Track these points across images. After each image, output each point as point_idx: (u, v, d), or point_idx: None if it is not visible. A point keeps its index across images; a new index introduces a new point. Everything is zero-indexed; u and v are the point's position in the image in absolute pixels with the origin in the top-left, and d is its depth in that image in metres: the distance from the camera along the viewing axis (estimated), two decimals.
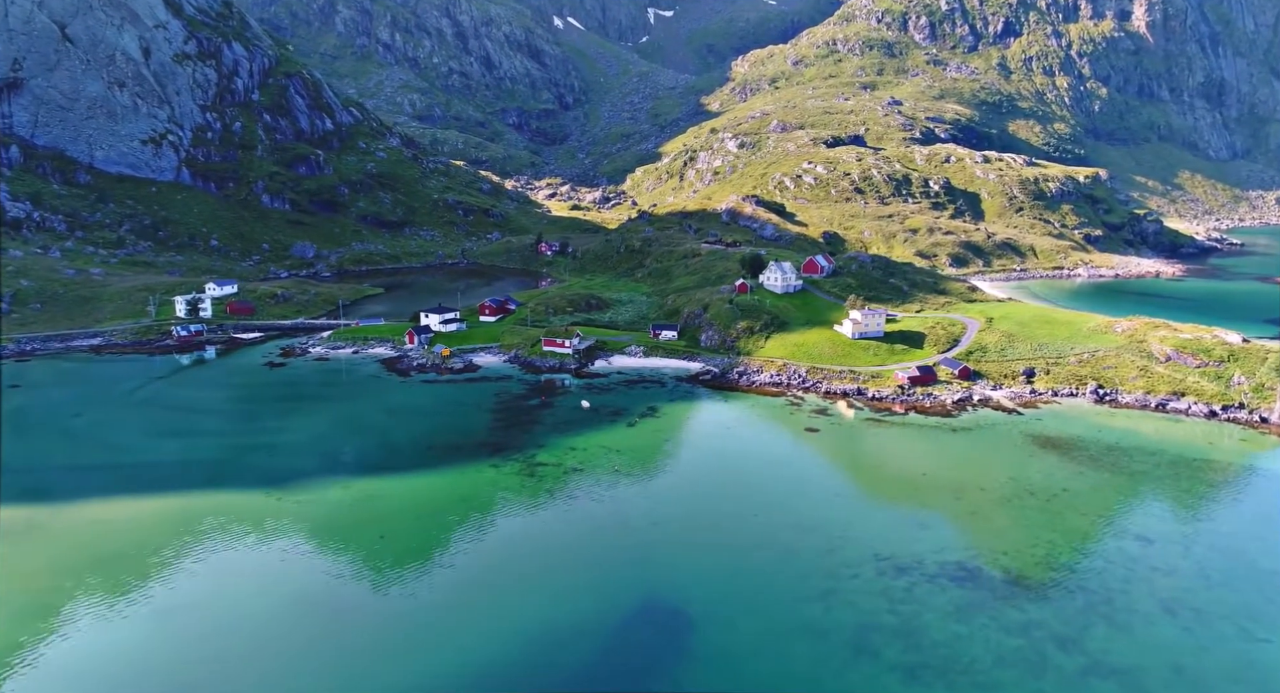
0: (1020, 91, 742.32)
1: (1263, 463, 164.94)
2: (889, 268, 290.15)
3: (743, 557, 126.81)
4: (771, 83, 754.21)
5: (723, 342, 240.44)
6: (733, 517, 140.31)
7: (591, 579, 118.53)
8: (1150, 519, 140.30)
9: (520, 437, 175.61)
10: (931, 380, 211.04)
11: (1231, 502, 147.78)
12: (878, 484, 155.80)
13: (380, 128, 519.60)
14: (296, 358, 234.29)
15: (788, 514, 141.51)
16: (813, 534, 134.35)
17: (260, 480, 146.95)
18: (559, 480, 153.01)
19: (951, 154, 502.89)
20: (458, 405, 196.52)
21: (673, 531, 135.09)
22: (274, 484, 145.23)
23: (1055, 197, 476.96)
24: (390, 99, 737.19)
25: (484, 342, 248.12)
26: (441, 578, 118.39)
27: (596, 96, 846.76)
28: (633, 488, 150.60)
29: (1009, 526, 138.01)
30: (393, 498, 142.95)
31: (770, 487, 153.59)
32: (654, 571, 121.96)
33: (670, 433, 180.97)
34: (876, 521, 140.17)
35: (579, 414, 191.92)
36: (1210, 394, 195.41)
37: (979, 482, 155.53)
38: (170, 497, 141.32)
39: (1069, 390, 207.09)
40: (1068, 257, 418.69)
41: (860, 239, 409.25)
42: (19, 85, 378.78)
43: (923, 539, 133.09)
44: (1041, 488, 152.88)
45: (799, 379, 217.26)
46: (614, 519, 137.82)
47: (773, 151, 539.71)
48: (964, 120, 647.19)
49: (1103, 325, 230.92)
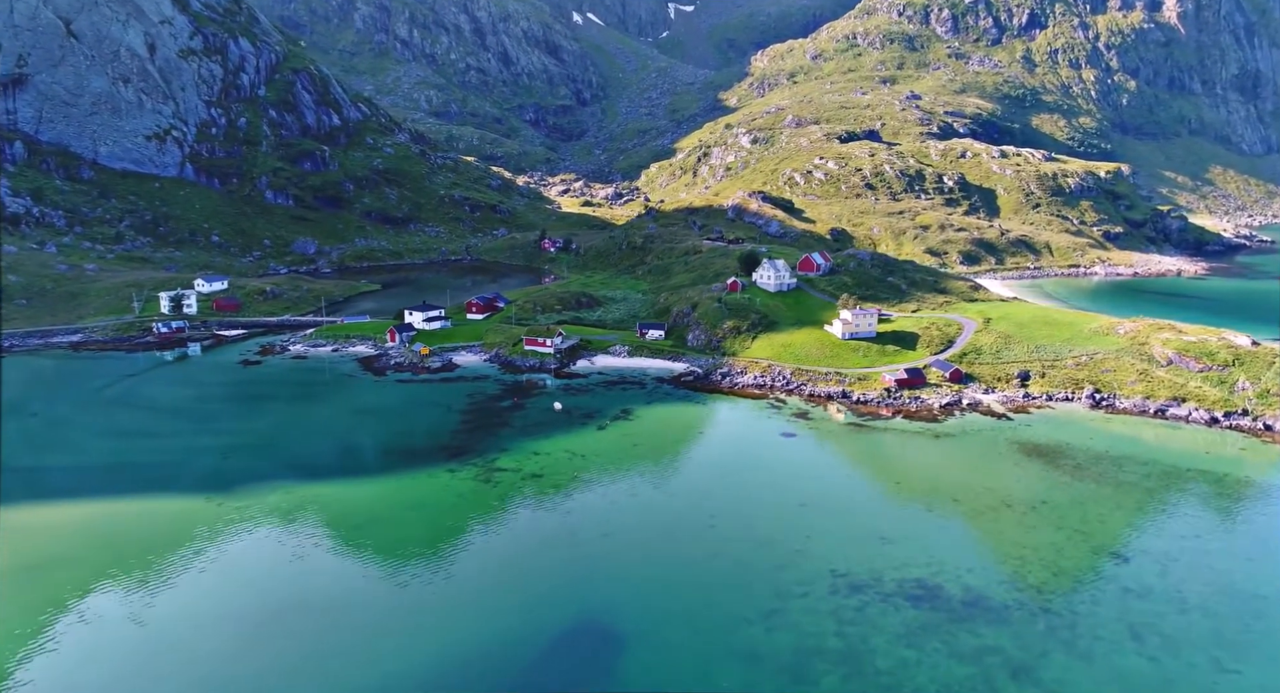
0: (1045, 85, 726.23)
1: (1260, 475, 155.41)
2: (889, 266, 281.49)
3: (690, 571, 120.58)
4: (790, 77, 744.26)
5: (709, 342, 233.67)
6: (688, 527, 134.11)
7: (524, 598, 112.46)
8: (1130, 535, 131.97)
9: (484, 440, 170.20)
10: (920, 383, 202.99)
11: (1221, 517, 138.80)
12: (845, 494, 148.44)
13: (389, 124, 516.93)
14: (274, 356, 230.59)
15: (746, 525, 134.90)
16: (768, 547, 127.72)
17: (201, 484, 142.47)
18: (514, 487, 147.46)
19: (967, 149, 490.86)
20: (427, 406, 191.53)
21: (621, 542, 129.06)
22: (215, 489, 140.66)
23: (1074, 192, 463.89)
24: (407, 95, 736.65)
25: (467, 340, 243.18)
26: (359, 594, 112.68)
27: (614, 92, 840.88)
28: (589, 496, 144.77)
29: (978, 540, 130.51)
30: (336, 504, 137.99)
31: (732, 495, 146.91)
32: (594, 586, 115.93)
33: (640, 437, 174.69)
34: (838, 533, 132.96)
35: (550, 416, 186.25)
36: (1212, 400, 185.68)
37: (954, 492, 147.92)
38: (98, 502, 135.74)
39: (1064, 395, 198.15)
40: (1084, 254, 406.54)
41: (869, 236, 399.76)
42: (23, 81, 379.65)
43: (884, 554, 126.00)
44: (1020, 499, 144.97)
45: (783, 381, 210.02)
46: (562, 530, 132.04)
47: (785, 147, 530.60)
48: (985, 115, 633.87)
49: (1105, 327, 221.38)
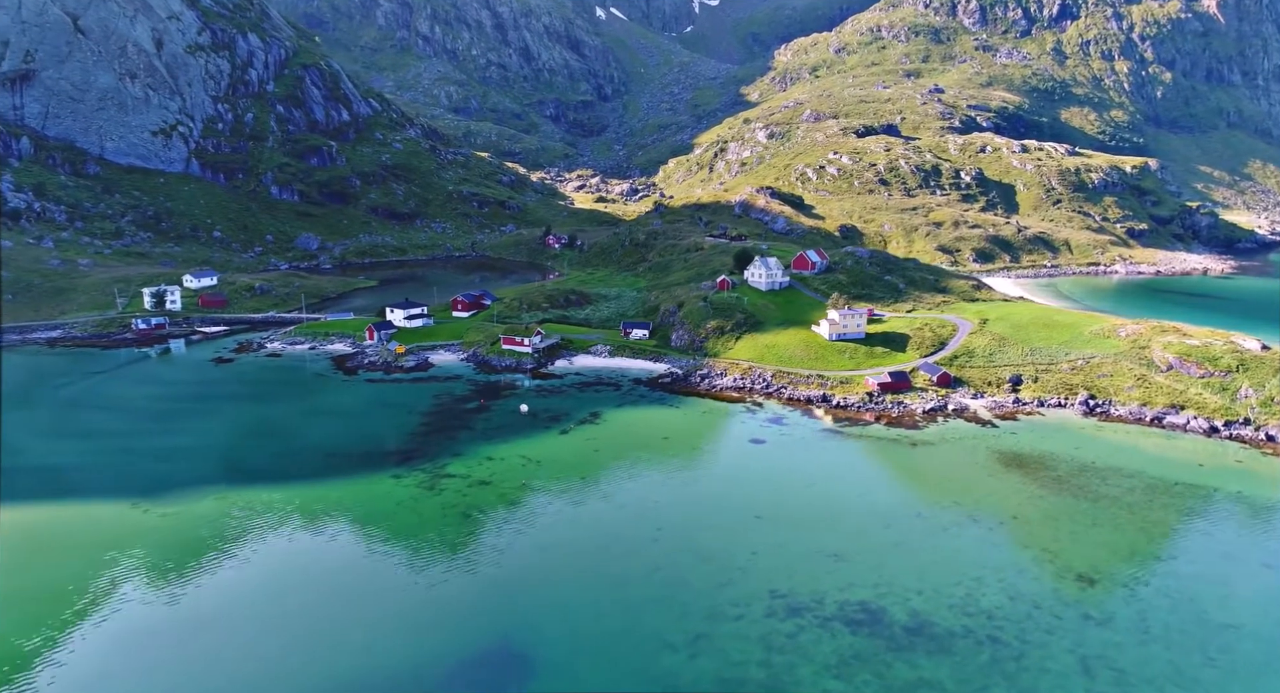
0: (1076, 77, 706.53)
1: (1254, 491, 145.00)
2: (888, 264, 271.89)
3: (622, 590, 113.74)
4: (812, 72, 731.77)
5: (692, 342, 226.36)
6: (630, 541, 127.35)
7: (433, 619, 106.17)
8: (1099, 555, 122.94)
9: (439, 444, 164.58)
10: (904, 387, 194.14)
11: (1201, 537, 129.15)
12: (803, 506, 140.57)
13: (401, 119, 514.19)
14: (249, 354, 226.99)
15: (692, 539, 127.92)
16: (711, 564, 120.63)
17: (132, 489, 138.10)
18: (458, 495, 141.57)
19: (987, 144, 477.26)
20: (389, 408, 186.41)
21: (555, 557, 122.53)
22: (145, 494, 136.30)
23: (1098, 188, 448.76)
24: (427, 91, 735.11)
25: (447, 338, 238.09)
26: (262, 610, 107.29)
27: (636, 87, 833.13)
28: (532, 506, 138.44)
29: (934, 559, 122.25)
30: (265, 512, 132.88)
31: (685, 506, 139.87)
32: (514, 607, 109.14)
33: (602, 443, 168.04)
34: (789, 548, 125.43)
35: (514, 419, 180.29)
36: (1213, 408, 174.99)
37: (919, 505, 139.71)
38: (19, 508, 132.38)
39: (1056, 400, 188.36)
40: (1105, 252, 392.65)
41: (880, 233, 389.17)
42: (31, 77, 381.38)
43: (832, 573, 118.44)
44: (988, 514, 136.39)
45: (762, 384, 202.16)
46: (495, 544, 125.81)
47: (801, 142, 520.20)
48: (1011, 108, 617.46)
49: (1107, 329, 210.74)
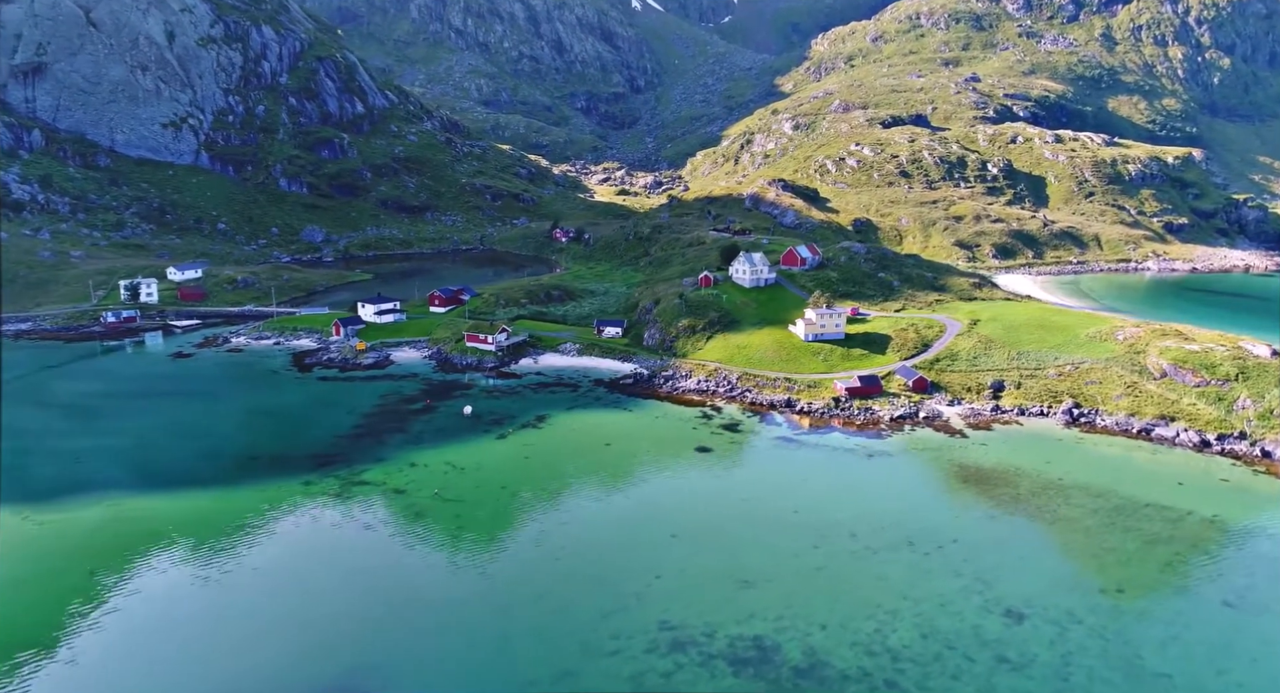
0: (1125, 64, 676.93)
1: (1231, 513, 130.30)
2: (883, 260, 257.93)
3: (498, 619, 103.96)
4: (848, 61, 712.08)
5: (663, 341, 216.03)
6: (525, 562, 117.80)
7: (280, 651, 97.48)
8: (1038, 586, 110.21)
9: (367, 447, 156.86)
10: (875, 392, 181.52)
11: (1158, 567, 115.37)
12: (727, 524, 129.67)
13: (419, 111, 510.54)
14: (212, 348, 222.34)
15: (594, 560, 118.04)
16: (605, 589, 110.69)
17: (23, 494, 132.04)
18: (364, 505, 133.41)
19: (1019, 134, 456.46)
20: (330, 407, 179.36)
21: (436, 580, 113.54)
22: (32, 499, 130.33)
23: (1134, 180, 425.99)
24: (458, 84, 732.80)
25: (416, 335, 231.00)
26: (112, 632, 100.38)
27: (670, 79, 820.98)
28: (434, 520, 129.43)
29: (853, 587, 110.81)
30: (154, 521, 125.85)
31: (599, 522, 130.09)
32: (374, 638, 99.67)
33: (537, 450, 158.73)
34: (696, 572, 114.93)
35: (454, 422, 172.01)
36: (1206, 420, 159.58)
37: (856, 525, 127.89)
38: None
39: (1038, 409, 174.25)
40: (1138, 248, 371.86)
41: (896, 227, 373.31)
42: (43, 70, 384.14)
43: (734, 601, 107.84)
44: (928, 536, 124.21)
45: (727, 387, 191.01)
46: (376, 563, 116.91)
47: (825, 133, 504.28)
48: (1053, 97, 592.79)
49: (1106, 331, 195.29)
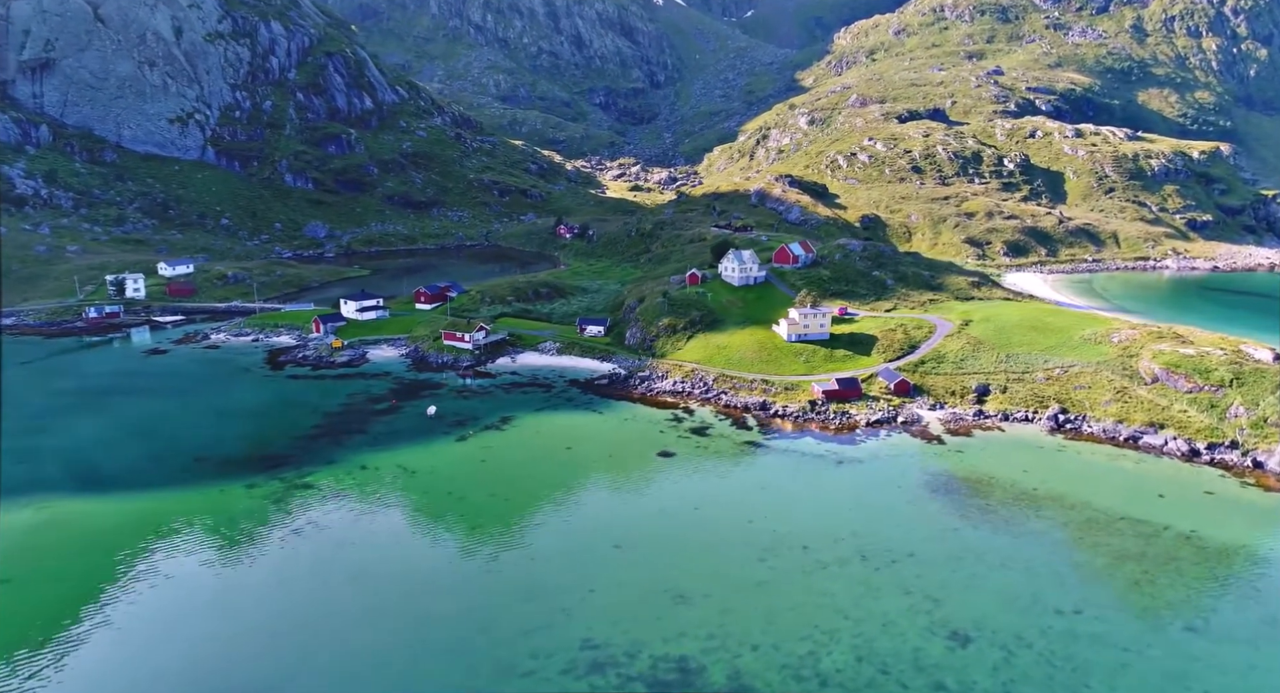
0: (1157, 56, 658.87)
1: (1210, 529, 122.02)
2: (879, 258, 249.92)
3: (420, 633, 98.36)
4: (869, 55, 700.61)
5: (643, 340, 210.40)
6: (453, 573, 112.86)
7: (162, 669, 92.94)
8: (990, 606, 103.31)
9: (320, 449, 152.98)
10: (854, 395, 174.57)
11: (1122, 588, 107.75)
12: (674, 535, 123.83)
13: (429, 106, 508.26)
14: (189, 345, 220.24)
15: (527, 572, 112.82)
16: (534, 604, 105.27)
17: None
18: (300, 512, 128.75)
19: (1038, 128, 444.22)
20: (293, 407, 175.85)
21: (355, 587, 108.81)
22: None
23: (1157, 175, 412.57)
24: (476, 80, 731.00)
25: (396, 333, 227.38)
26: (33, 638, 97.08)
27: (690, 74, 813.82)
28: (371, 526, 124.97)
29: (794, 604, 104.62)
30: (78, 526, 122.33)
31: (539, 532, 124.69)
32: (268, 655, 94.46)
33: (495, 453, 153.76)
34: (631, 586, 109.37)
35: (417, 423, 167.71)
36: (1197, 428, 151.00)
37: (809, 537, 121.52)
38: None
39: (1023, 414, 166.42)
40: (1157, 245, 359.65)
41: (905, 224, 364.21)
42: (51, 66, 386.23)
43: (667, 618, 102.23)
44: (883, 550, 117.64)
45: (702, 388, 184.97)
46: (294, 572, 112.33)
47: (839, 128, 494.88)
48: (1079, 90, 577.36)
49: (1101, 333, 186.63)
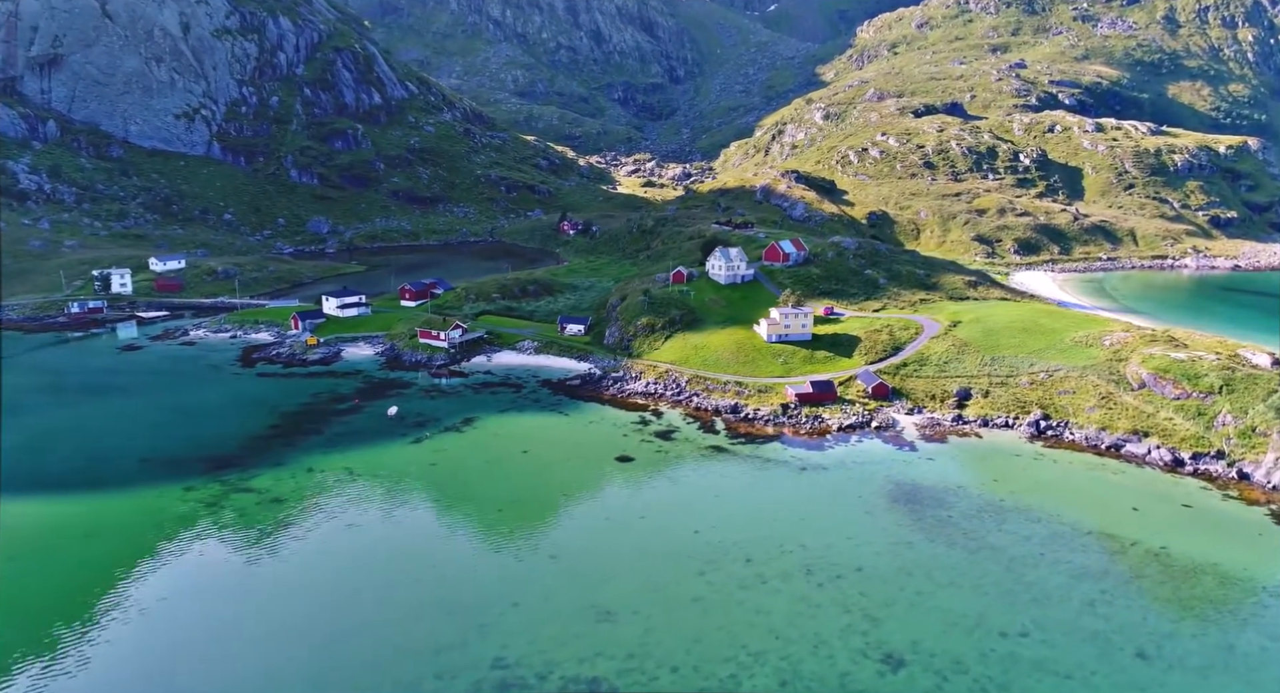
0: (1189, 48, 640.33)
1: (1182, 546, 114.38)
2: (874, 256, 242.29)
3: (317, 653, 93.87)
4: (891, 49, 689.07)
5: (621, 340, 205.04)
6: (376, 585, 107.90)
7: (50, 679, 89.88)
8: (932, 626, 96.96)
9: (271, 450, 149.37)
10: (828, 399, 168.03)
11: (1077, 608, 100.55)
12: (616, 545, 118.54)
13: (440, 102, 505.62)
14: (167, 341, 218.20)
15: (448, 586, 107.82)
16: (452, 618, 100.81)
17: None
18: (233, 515, 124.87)
19: (1057, 123, 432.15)
20: (254, 406, 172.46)
21: (271, 600, 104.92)
22: None
23: (1180, 171, 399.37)
24: (494, 76, 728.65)
25: (375, 330, 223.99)
26: None
27: (710, 69, 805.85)
28: (296, 534, 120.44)
29: (725, 622, 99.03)
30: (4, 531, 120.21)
31: (473, 540, 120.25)
32: (158, 676, 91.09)
33: (447, 456, 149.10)
34: (558, 601, 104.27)
35: (376, 424, 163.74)
36: (1182, 436, 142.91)
37: (755, 548, 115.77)
38: None
39: (1003, 420, 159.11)
40: (1176, 243, 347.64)
41: (914, 221, 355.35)
42: (59, 61, 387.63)
43: (586, 637, 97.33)
44: (830, 564, 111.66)
45: (675, 390, 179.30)
46: (205, 582, 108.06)
47: (854, 123, 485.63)
48: (1105, 84, 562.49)
49: (1093, 336, 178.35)
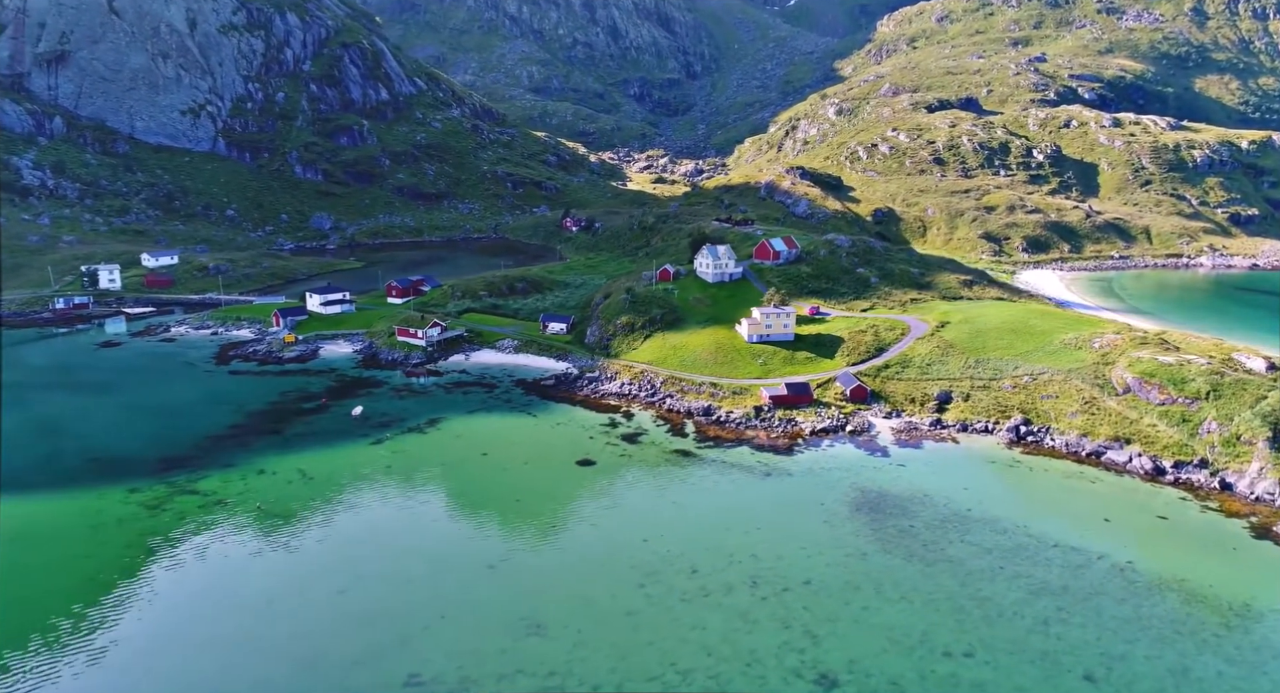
0: (1218, 40, 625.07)
1: (1150, 561, 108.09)
2: (868, 254, 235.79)
3: (224, 668, 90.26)
4: (910, 43, 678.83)
5: (600, 339, 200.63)
6: (301, 595, 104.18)
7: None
8: (874, 643, 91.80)
9: (226, 450, 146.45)
10: (803, 401, 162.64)
11: (1027, 628, 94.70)
12: (559, 554, 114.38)
13: (449, 98, 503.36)
14: (147, 337, 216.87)
15: (380, 595, 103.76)
16: (373, 630, 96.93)
17: None
18: (173, 519, 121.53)
19: (1073, 118, 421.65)
20: (218, 404, 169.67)
21: (189, 611, 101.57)
22: None
23: (1200, 167, 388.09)
24: (509, 72, 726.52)
25: (357, 327, 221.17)
26: None
27: (728, 64, 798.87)
28: (234, 539, 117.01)
29: (659, 638, 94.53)
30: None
31: (412, 547, 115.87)
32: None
33: (405, 459, 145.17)
34: (489, 613, 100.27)
35: (338, 424, 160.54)
36: (1165, 443, 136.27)
37: (703, 559, 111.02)
38: None
39: (983, 424, 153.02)
40: (1192, 242, 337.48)
41: (921, 218, 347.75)
42: (65, 58, 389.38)
43: (511, 652, 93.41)
44: (778, 576, 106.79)
45: (649, 391, 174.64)
46: (127, 593, 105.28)
47: (866, 118, 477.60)
48: (1129, 78, 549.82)
49: (1083, 338, 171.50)
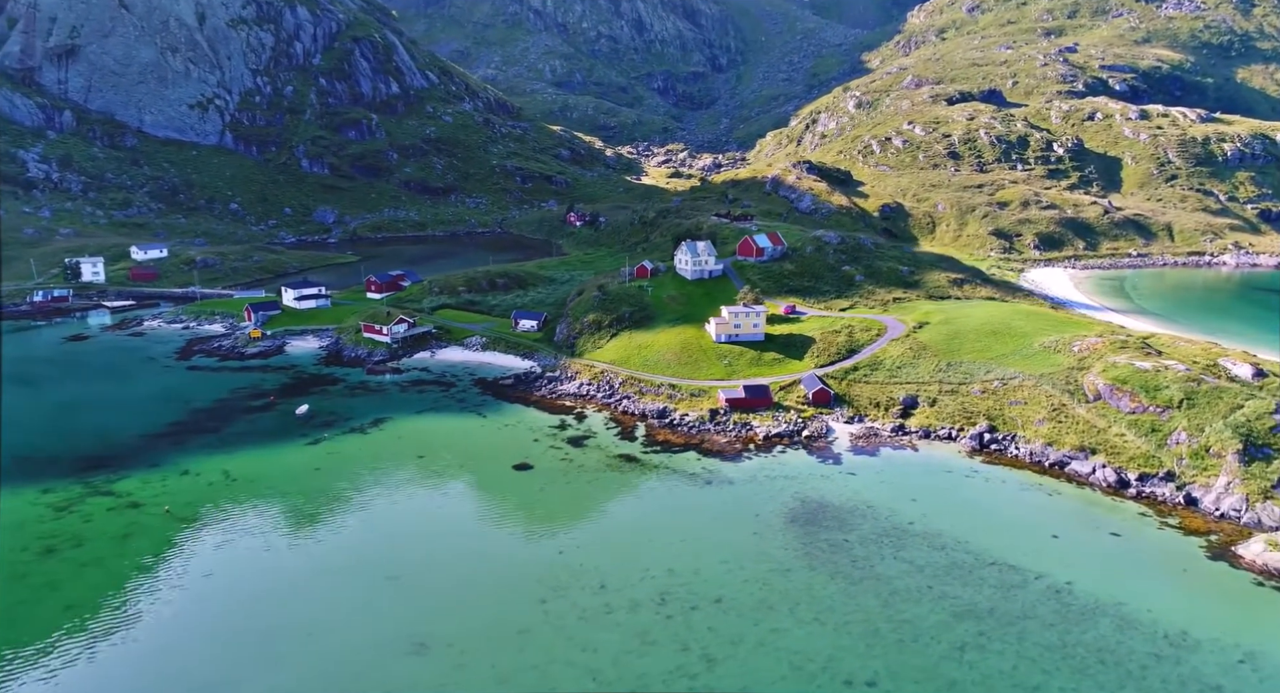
0: (1264, 28, 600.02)
1: (1089, 584, 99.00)
2: (856, 251, 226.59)
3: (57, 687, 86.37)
4: (939, 34, 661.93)
5: (567, 337, 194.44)
6: (172, 607, 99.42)
7: None
8: (771, 672, 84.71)
9: (156, 449, 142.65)
10: (761, 405, 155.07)
11: (943, 655, 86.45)
12: (465, 566, 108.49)
13: (461, 91, 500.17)
14: (117, 332, 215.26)
15: (257, 610, 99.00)
16: (238, 649, 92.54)
17: None
18: (78, 522, 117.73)
19: (1098, 110, 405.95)
20: (164, 402, 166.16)
21: (49, 623, 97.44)
22: None
23: (1230, 161, 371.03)
24: (532, 66, 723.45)
25: (329, 322, 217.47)
26: None
27: (754, 57, 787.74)
28: (132, 546, 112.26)
29: (546, 660, 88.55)
30: None
31: (310, 557, 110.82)
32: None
33: (338, 460, 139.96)
34: (372, 631, 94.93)
35: (281, 424, 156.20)
36: (1131, 455, 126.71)
37: (614, 573, 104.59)
38: None
39: (946, 431, 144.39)
40: (1217, 239, 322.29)
41: (930, 213, 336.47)
42: (75, 52, 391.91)
43: (381, 675, 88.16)
44: (690, 593, 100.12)
45: (606, 392, 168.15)
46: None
47: (884, 112, 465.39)
48: (1166, 68, 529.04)
49: (1065, 340, 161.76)
